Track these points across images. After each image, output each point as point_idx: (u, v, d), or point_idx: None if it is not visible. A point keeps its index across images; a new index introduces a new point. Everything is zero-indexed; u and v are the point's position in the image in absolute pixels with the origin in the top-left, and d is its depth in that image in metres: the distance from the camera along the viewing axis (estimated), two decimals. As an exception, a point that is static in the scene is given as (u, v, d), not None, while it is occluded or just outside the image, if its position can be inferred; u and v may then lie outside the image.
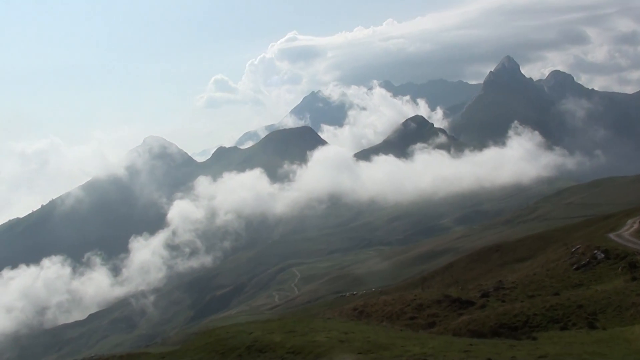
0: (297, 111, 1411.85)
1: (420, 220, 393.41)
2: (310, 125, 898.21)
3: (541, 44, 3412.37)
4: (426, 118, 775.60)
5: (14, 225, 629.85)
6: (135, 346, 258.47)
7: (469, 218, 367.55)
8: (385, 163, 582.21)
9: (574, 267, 68.76)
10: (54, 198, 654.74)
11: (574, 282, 64.58)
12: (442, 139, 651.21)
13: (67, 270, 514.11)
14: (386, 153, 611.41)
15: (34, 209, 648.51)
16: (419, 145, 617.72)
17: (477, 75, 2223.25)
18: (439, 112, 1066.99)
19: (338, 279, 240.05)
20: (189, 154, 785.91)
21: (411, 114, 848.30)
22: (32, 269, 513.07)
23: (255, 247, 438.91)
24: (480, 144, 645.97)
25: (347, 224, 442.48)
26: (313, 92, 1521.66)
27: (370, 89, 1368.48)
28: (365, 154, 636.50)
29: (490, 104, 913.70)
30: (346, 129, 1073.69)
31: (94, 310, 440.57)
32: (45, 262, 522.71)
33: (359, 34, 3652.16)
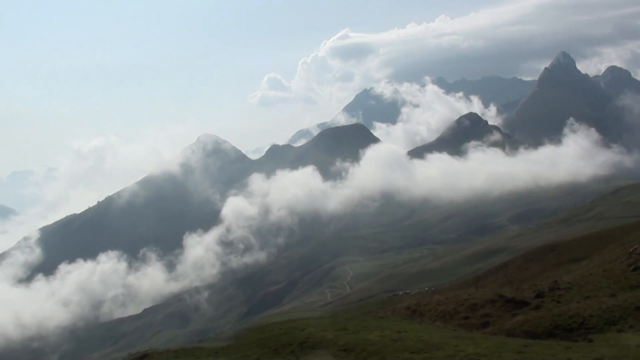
0: (350, 109, 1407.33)
1: (474, 219, 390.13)
2: (362, 123, 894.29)
3: (597, 39, 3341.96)
4: (480, 115, 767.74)
5: (71, 221, 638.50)
6: (188, 341, 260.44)
7: (523, 217, 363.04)
8: (439, 161, 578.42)
9: (632, 268, 67.60)
10: (110, 194, 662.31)
11: (632, 284, 63.53)
12: (496, 136, 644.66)
13: (123, 265, 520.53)
14: (440, 151, 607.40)
15: (91, 205, 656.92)
16: (473, 143, 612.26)
17: (532, 71, 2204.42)
18: (493, 109, 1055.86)
19: (391, 277, 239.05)
20: (243, 152, 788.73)
21: (465, 111, 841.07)
22: (89, 264, 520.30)
23: (308, 244, 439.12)
24: (535, 142, 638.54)
25: (400, 222, 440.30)
26: (365, 89, 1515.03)
27: (422, 86, 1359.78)
28: (418, 152, 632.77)
29: (546, 100, 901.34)
30: (399, 126, 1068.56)
31: (148, 305, 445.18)
32: (102, 257, 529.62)
33: (411, 31, 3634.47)
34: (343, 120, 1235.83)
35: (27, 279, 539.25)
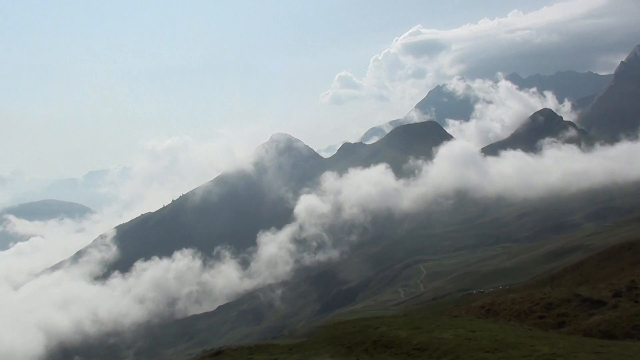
0: (422, 105, 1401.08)
1: (550, 217, 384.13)
2: (435, 120, 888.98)
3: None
4: (554, 111, 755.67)
5: (147, 219, 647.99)
6: (262, 338, 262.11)
7: (600, 214, 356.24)
8: (513, 158, 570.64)
9: None
10: (184, 193, 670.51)
11: None
12: (571, 132, 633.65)
13: (198, 262, 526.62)
14: (514, 148, 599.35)
15: (165, 204, 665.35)
16: (547, 139, 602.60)
17: (608, 66, 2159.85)
18: (568, 105, 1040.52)
19: (465, 276, 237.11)
20: (315, 150, 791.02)
21: (539, 107, 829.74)
22: (164, 262, 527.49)
23: (381, 243, 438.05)
24: (611, 138, 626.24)
25: (474, 220, 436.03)
26: (438, 86, 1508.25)
27: (495, 82, 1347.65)
28: (492, 149, 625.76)
29: (622, 95, 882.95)
30: (472, 123, 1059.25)
31: (223, 302, 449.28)
32: (177, 254, 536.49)
33: (483, 26, 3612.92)
34: (416, 117, 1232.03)
35: (103, 276, 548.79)
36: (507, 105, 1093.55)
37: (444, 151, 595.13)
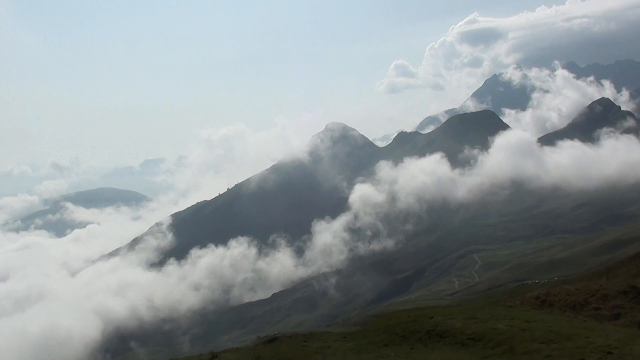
0: (478, 95, 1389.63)
1: (606, 208, 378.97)
2: (491, 109, 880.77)
3: None
4: (612, 100, 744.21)
5: (202, 207, 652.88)
6: (316, 326, 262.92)
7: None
8: (570, 148, 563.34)
9: None
10: (239, 182, 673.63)
11: None
12: (629, 122, 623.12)
13: (253, 250, 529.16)
14: (571, 137, 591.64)
15: (221, 192, 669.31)
16: (605, 129, 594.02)
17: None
18: (626, 94, 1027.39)
19: (520, 266, 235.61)
20: (370, 139, 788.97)
21: (596, 97, 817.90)
22: (220, 249, 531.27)
23: (435, 232, 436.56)
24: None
25: (529, 210, 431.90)
26: (494, 74, 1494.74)
27: (553, 70, 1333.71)
28: (549, 139, 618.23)
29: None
30: (529, 112, 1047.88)
31: (277, 289, 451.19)
32: (232, 242, 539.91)
33: (541, 14, 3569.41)
34: (472, 106, 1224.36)
35: (159, 263, 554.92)
36: (564, 95, 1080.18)
37: (500, 141, 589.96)
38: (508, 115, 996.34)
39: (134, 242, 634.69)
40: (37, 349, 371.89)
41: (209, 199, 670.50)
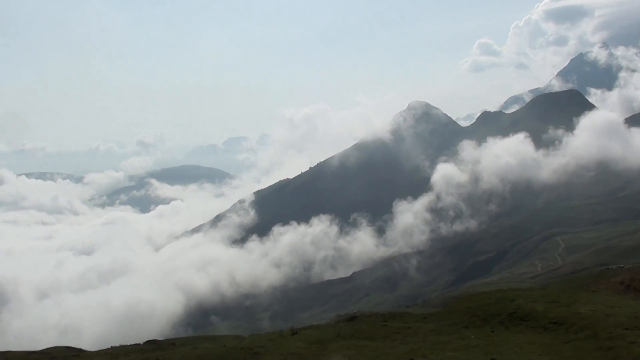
0: (564, 74, 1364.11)
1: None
2: (577, 89, 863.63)
3: None
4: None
5: (285, 185, 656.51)
6: (396, 306, 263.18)
7: None
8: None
9: None
10: (321, 160, 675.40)
11: None
12: None
13: (334, 229, 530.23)
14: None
15: (303, 171, 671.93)
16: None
17: None
18: None
19: (604, 250, 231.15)
20: (453, 118, 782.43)
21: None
22: (302, 227, 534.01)
23: (518, 214, 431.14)
24: None
25: (615, 193, 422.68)
26: (580, 53, 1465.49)
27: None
28: (636, 119, 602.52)
29: None
30: (615, 92, 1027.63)
31: (358, 268, 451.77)
32: (314, 220, 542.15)
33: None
34: (557, 86, 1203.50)
35: (241, 239, 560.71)
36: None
37: (586, 121, 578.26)
38: (594, 95, 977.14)
39: (217, 219, 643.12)
40: (121, 322, 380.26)
41: (291, 177, 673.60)
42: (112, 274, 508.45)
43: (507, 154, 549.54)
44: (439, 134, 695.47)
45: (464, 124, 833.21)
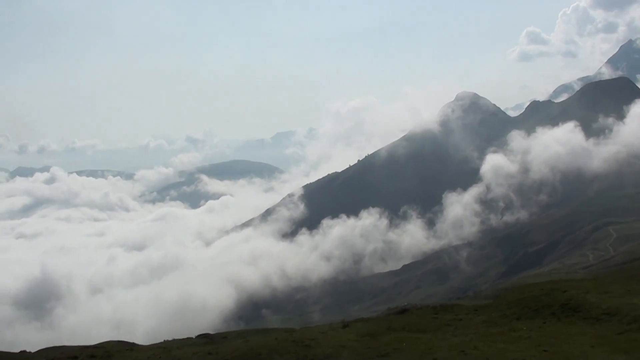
0: (613, 61, 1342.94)
1: None
2: (627, 76, 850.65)
3: None
4: None
5: (333, 178, 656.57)
6: (446, 298, 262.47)
7: None
8: None
9: None
10: (370, 153, 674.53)
11: None
12: None
13: (384, 221, 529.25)
14: None
15: (351, 164, 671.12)
16: None
17: None
18: None
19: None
20: (502, 109, 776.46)
21: None
22: (351, 220, 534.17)
23: (569, 204, 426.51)
24: None
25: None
26: (630, 40, 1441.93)
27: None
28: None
29: None
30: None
31: (407, 261, 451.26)
32: (363, 213, 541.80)
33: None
34: (606, 73, 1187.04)
35: (291, 233, 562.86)
36: None
37: (637, 109, 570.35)
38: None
39: (267, 213, 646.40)
40: (172, 316, 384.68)
41: (339, 170, 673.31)
42: (163, 269, 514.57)
43: (557, 144, 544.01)
44: (488, 124, 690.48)
45: (512, 114, 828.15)
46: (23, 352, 75.89)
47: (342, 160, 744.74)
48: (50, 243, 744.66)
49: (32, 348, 79.83)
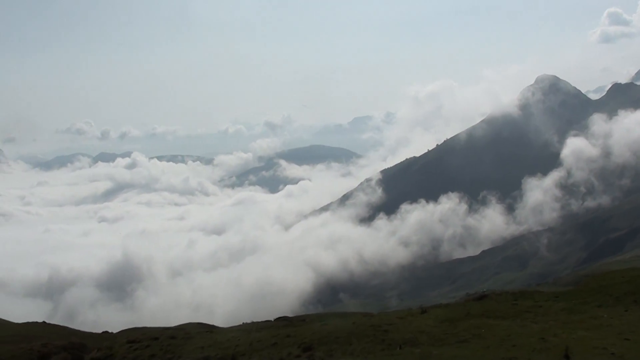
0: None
1: None
2: None
3: None
4: None
5: (411, 163, 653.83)
6: (526, 284, 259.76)
7: None
8: None
9: None
10: (448, 137, 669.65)
11: None
12: None
13: (463, 207, 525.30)
14: None
15: (430, 148, 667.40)
16: None
17: None
18: None
19: None
20: (583, 92, 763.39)
21: None
22: (430, 205, 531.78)
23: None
24: None
25: None
26: None
27: None
28: None
29: None
30: None
31: (486, 246, 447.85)
32: (442, 198, 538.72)
33: None
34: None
35: (369, 218, 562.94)
36: None
37: None
38: None
39: (344, 198, 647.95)
40: (251, 299, 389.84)
41: (417, 155, 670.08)
42: (242, 253, 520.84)
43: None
44: (568, 107, 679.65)
45: (593, 97, 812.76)
46: (105, 333, 77.87)
47: (420, 144, 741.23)
48: (131, 227, 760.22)
49: (114, 329, 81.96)
